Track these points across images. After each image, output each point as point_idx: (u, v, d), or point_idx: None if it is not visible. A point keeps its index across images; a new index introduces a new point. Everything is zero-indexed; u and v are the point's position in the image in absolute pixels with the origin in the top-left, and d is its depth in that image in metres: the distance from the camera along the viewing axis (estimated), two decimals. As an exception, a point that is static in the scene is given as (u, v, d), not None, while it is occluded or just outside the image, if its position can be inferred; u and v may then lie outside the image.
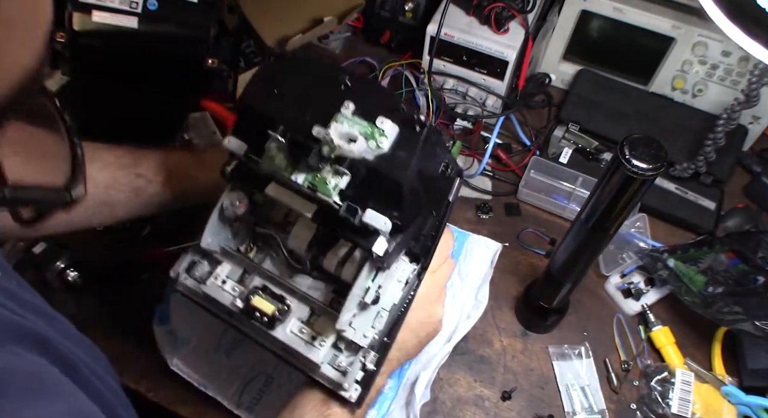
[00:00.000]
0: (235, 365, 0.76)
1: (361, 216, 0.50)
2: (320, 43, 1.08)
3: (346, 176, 0.49)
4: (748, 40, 0.43)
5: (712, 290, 0.78)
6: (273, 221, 0.63)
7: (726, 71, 0.91)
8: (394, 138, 0.48)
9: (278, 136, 0.49)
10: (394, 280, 0.62)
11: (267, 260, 0.63)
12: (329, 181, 0.49)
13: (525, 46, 0.93)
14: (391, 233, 0.51)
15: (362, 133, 0.48)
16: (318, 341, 0.57)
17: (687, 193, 0.91)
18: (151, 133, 0.89)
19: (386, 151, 0.48)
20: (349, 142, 0.47)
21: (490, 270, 0.84)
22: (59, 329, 0.43)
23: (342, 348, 0.59)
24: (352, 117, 0.48)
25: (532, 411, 0.77)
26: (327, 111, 0.48)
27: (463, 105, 0.99)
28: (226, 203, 0.59)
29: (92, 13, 0.77)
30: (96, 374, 0.43)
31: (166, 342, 0.76)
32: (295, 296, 0.60)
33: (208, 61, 0.81)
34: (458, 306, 0.81)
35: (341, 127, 0.48)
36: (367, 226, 0.50)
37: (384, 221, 0.50)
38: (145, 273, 0.84)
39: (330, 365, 0.58)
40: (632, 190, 0.54)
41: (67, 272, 0.80)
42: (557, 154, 0.95)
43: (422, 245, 0.62)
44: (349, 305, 0.55)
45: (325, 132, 0.47)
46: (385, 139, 0.48)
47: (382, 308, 0.60)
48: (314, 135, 0.48)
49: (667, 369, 0.77)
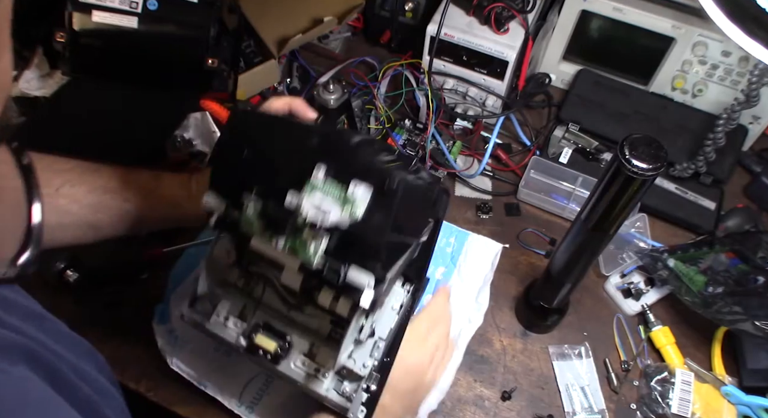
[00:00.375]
0: (235, 364, 0.76)
1: (344, 276, 0.50)
2: (320, 43, 1.08)
3: (326, 238, 0.49)
4: (748, 40, 0.43)
5: (712, 290, 0.78)
6: (266, 259, 0.62)
7: (726, 71, 0.91)
8: (367, 203, 0.47)
9: (252, 203, 0.50)
10: (388, 308, 0.65)
11: (266, 293, 0.63)
12: (308, 245, 0.49)
13: (525, 46, 0.94)
14: (377, 281, 0.51)
15: (335, 201, 0.47)
16: (321, 373, 0.59)
17: (687, 193, 0.91)
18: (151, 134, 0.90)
19: (360, 218, 0.47)
20: (323, 214, 0.47)
21: (490, 272, 0.84)
22: (50, 330, 0.43)
23: (345, 375, 0.61)
24: (324, 184, 0.48)
25: (532, 411, 0.77)
26: (298, 175, 0.48)
27: (463, 105, 0.99)
28: (216, 253, 0.61)
29: (92, 13, 0.77)
30: (86, 376, 0.42)
31: (166, 341, 0.77)
32: (296, 329, 0.61)
33: (208, 61, 0.81)
34: (459, 309, 0.81)
35: (314, 198, 0.47)
36: (351, 284, 0.50)
37: (368, 280, 0.50)
38: (145, 273, 0.84)
39: (335, 390, 0.61)
40: (632, 190, 0.54)
41: (67, 272, 0.80)
42: (557, 154, 0.95)
43: (415, 267, 0.64)
44: (346, 344, 0.57)
45: (297, 202, 0.47)
46: (358, 207, 0.47)
47: (379, 338, 0.62)
48: (287, 205, 0.48)
49: (667, 369, 0.77)
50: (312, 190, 0.47)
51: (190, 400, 0.75)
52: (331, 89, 0.95)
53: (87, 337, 0.78)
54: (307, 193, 0.47)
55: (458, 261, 0.85)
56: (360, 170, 0.48)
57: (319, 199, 0.47)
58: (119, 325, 0.80)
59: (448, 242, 0.87)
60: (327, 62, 1.08)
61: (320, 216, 0.47)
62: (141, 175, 0.66)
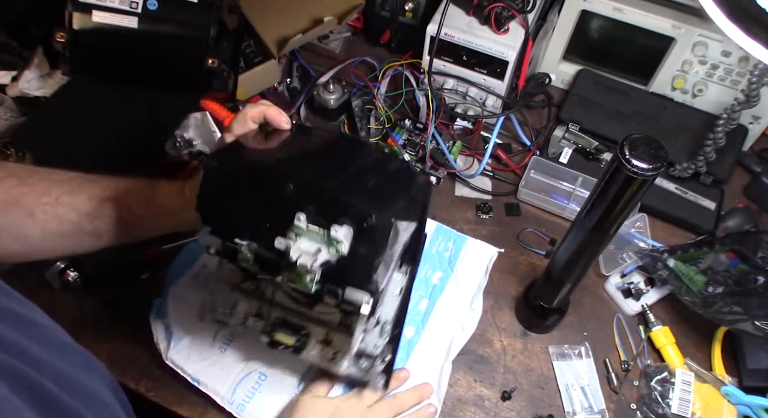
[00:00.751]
0: (230, 361, 0.76)
1: (342, 296, 0.56)
2: (320, 43, 1.08)
3: (319, 270, 0.52)
4: (748, 40, 0.43)
5: (712, 290, 0.78)
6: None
7: (726, 71, 0.91)
8: (350, 240, 0.52)
9: (245, 247, 0.55)
10: (389, 295, 0.73)
11: (277, 293, 0.69)
12: (304, 277, 0.53)
13: (525, 46, 0.94)
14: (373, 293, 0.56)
15: (320, 243, 0.51)
16: (339, 356, 0.67)
17: (687, 193, 0.91)
18: (151, 134, 0.90)
19: (346, 254, 0.51)
20: (311, 256, 0.51)
21: (485, 278, 0.84)
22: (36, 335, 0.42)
23: (360, 354, 0.70)
24: (307, 229, 0.51)
25: (532, 411, 0.77)
26: (281, 222, 0.52)
27: (463, 105, 0.99)
28: (224, 274, 0.68)
29: (92, 13, 0.77)
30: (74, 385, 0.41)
31: (162, 336, 0.77)
32: (310, 321, 0.69)
33: (208, 61, 0.81)
34: (454, 314, 0.81)
35: (300, 242, 0.51)
36: (349, 301, 0.56)
37: (365, 298, 0.55)
38: (145, 273, 0.84)
39: (354, 367, 0.70)
40: (632, 190, 0.54)
41: (67, 272, 0.80)
42: (557, 154, 0.95)
43: (410, 253, 0.71)
44: (356, 336, 0.65)
45: (285, 246, 0.51)
46: (343, 245, 0.51)
47: (385, 322, 0.71)
48: (277, 248, 0.52)
49: (667, 369, 0.77)
50: (297, 237, 0.52)
51: (190, 400, 0.75)
52: (331, 89, 0.95)
53: (87, 337, 0.79)
54: (293, 240, 0.51)
55: (455, 266, 0.85)
56: (339, 212, 0.51)
57: (305, 244, 0.51)
58: (119, 325, 0.80)
59: (446, 246, 0.87)
60: (327, 62, 1.08)
61: (309, 259, 0.51)
62: (138, 185, 0.66)
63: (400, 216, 0.58)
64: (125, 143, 0.87)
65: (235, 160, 0.57)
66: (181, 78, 0.85)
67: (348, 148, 0.68)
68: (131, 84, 0.86)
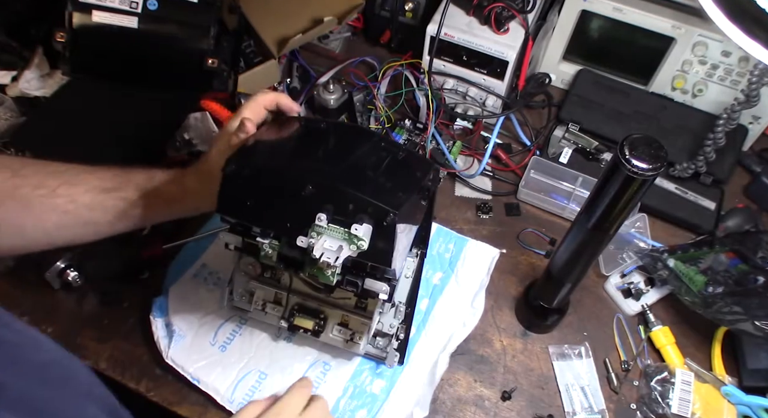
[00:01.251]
0: (230, 360, 0.76)
1: (362, 287, 0.60)
2: (320, 43, 1.08)
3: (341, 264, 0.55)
4: (748, 40, 0.43)
5: (712, 290, 0.78)
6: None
7: (726, 71, 0.91)
8: (370, 235, 0.54)
9: (266, 245, 0.58)
10: (402, 278, 0.79)
11: (294, 281, 0.73)
12: (326, 272, 0.56)
13: (525, 46, 0.94)
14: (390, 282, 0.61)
15: (341, 240, 0.54)
16: (356, 337, 0.72)
17: (687, 193, 0.91)
18: (151, 134, 0.90)
19: (367, 248, 0.54)
20: (333, 253, 0.53)
21: (486, 277, 0.84)
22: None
23: (376, 334, 0.75)
24: (328, 227, 0.54)
25: (532, 411, 0.77)
26: (302, 221, 0.54)
27: (463, 105, 0.99)
28: (243, 268, 0.72)
29: (92, 13, 0.77)
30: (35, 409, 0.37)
31: (162, 335, 0.77)
32: (327, 305, 0.73)
33: (208, 61, 0.81)
34: (454, 313, 0.81)
35: (322, 240, 0.54)
36: (369, 291, 0.60)
37: (384, 288, 0.60)
38: (145, 272, 0.84)
39: (371, 345, 0.75)
40: (632, 191, 0.54)
41: (67, 271, 0.80)
42: (557, 154, 0.95)
43: (420, 236, 0.77)
44: (373, 320, 0.71)
45: (308, 244, 0.54)
46: (363, 242, 0.53)
47: (399, 302, 0.76)
48: (299, 245, 0.54)
49: (667, 369, 0.77)
50: (318, 235, 0.54)
51: (191, 400, 0.75)
52: (331, 89, 0.95)
53: (87, 337, 0.79)
54: (315, 238, 0.54)
55: (456, 267, 0.85)
56: (358, 210, 0.54)
57: (327, 242, 0.53)
58: (119, 324, 0.80)
59: (447, 248, 0.87)
60: (327, 62, 1.08)
61: (331, 255, 0.53)
62: (136, 175, 0.66)
63: (415, 208, 0.60)
64: (125, 143, 0.87)
65: (253, 163, 0.58)
66: (181, 78, 0.85)
67: (359, 138, 0.67)
68: (131, 84, 0.86)
